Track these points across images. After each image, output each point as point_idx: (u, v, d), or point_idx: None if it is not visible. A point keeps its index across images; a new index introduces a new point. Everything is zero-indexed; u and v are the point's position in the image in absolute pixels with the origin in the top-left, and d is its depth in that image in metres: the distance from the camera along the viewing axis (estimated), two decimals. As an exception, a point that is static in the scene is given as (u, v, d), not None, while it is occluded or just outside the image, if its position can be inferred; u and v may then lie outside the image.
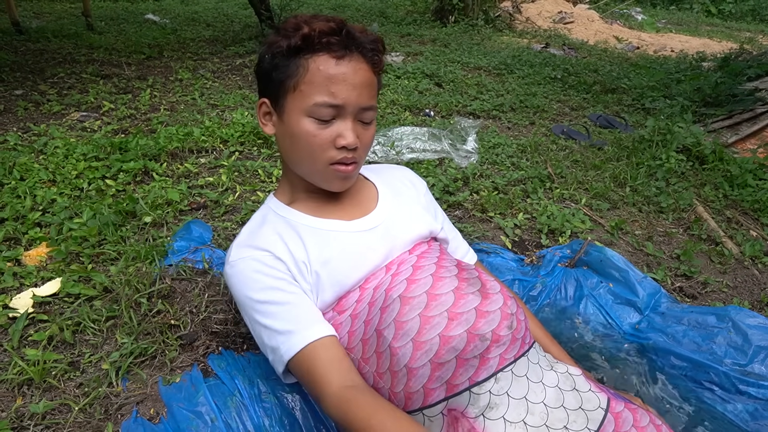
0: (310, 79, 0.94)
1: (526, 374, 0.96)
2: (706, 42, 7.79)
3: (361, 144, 1.01)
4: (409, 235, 1.10)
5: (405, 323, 0.92)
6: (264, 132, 1.05)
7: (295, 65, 0.95)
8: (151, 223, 1.69)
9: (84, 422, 1.02)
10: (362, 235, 1.06)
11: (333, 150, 0.98)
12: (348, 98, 0.95)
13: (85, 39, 4.47)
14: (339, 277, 1.01)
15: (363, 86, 0.97)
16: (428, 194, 1.27)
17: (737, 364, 1.28)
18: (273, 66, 0.98)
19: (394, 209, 1.13)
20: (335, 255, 1.02)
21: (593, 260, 1.61)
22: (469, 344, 0.89)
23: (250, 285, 0.97)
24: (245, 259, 0.99)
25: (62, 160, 2.05)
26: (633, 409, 0.99)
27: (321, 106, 0.94)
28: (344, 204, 1.11)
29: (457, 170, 2.25)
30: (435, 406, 0.91)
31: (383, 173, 1.25)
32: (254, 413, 1.05)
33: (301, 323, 0.93)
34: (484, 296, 0.96)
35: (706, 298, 1.59)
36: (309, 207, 1.08)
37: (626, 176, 2.39)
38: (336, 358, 0.92)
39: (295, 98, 0.96)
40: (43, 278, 1.41)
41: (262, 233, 1.03)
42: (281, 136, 1.02)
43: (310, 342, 0.91)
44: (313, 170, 1.02)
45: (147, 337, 1.21)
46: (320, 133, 0.96)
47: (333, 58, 0.94)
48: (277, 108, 1.00)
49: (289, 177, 1.11)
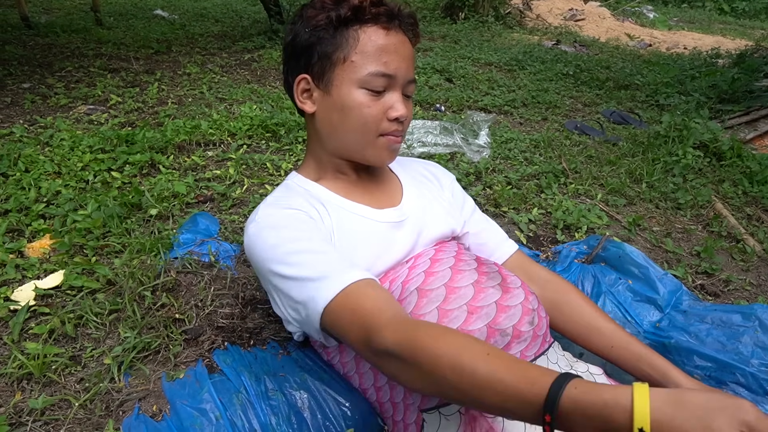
0: (362, 49, 0.92)
1: (546, 373, 0.91)
2: (719, 39, 7.68)
3: (407, 118, 0.99)
4: (434, 234, 1.06)
5: (422, 316, 0.87)
6: (302, 110, 1.00)
7: (344, 37, 0.93)
8: (157, 215, 1.66)
9: (84, 419, 0.98)
10: (390, 227, 1.02)
11: (385, 122, 0.96)
12: (399, 68, 0.94)
13: (94, 34, 4.45)
14: (361, 265, 0.96)
15: (410, 58, 0.97)
16: (454, 187, 1.22)
17: (765, 365, 1.22)
18: (316, 39, 0.95)
19: (419, 205, 1.09)
20: (362, 242, 0.97)
21: (611, 256, 1.55)
22: (489, 339, 0.85)
23: (280, 236, 0.89)
24: (274, 214, 0.93)
25: (68, 152, 2.02)
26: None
27: (375, 75, 0.92)
28: (371, 191, 1.07)
29: (469, 165, 2.20)
30: (452, 404, 0.87)
31: (408, 166, 1.21)
32: (261, 411, 1.01)
33: (338, 267, 0.84)
34: (504, 290, 0.91)
35: (729, 296, 1.53)
36: (336, 187, 1.04)
37: (642, 172, 2.33)
38: (387, 296, 0.81)
39: (346, 69, 0.93)
40: (46, 270, 1.38)
41: (291, 198, 0.98)
42: (326, 110, 0.97)
43: (353, 282, 0.81)
44: (363, 141, 0.98)
45: (150, 331, 1.17)
46: (373, 104, 0.94)
47: (383, 29, 0.93)
48: (321, 83, 0.96)
49: (318, 155, 1.05)
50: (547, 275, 1.14)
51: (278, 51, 4.23)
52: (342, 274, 0.82)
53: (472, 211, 1.20)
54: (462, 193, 1.23)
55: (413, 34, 1.00)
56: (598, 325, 1.04)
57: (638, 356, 1.00)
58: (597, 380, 0.95)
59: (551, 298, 1.09)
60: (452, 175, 1.25)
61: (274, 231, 0.90)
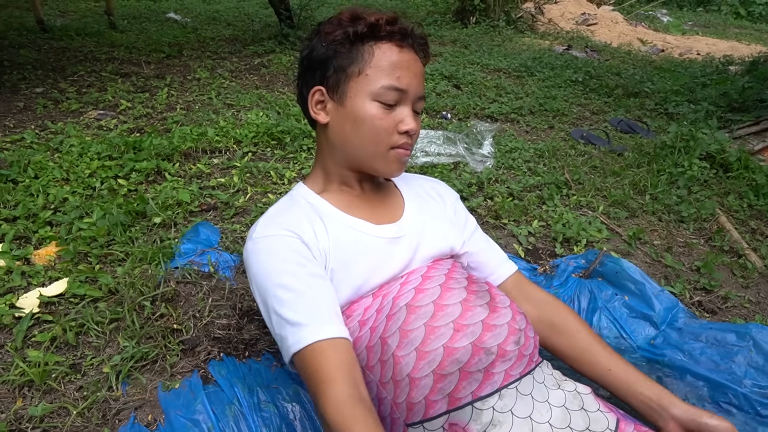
0: (377, 64, 0.97)
1: (531, 393, 0.92)
2: (734, 45, 7.60)
3: (416, 132, 1.03)
4: (431, 251, 1.08)
5: (410, 332, 0.89)
6: (315, 120, 1.04)
7: (359, 52, 0.98)
8: (161, 224, 1.69)
9: (81, 427, 1.01)
10: (387, 243, 1.04)
11: (396, 135, 1.00)
12: (410, 84, 0.99)
13: (107, 37, 4.52)
14: (357, 281, 0.99)
15: (420, 75, 1.02)
16: (457, 206, 1.24)
17: (758, 386, 1.23)
18: (333, 53, 0.99)
19: (419, 222, 1.11)
20: (357, 257, 1.00)
21: (608, 271, 1.56)
22: (473, 357, 0.87)
23: (269, 265, 0.94)
24: (269, 237, 0.97)
25: (76, 159, 2.06)
26: (643, 431, 0.95)
27: (388, 89, 0.97)
28: (373, 205, 1.10)
29: (471, 175, 2.21)
30: (436, 419, 0.88)
31: (411, 182, 1.23)
32: (252, 423, 1.04)
33: (314, 317, 0.89)
34: (492, 309, 0.93)
35: (726, 314, 1.53)
36: (338, 200, 1.07)
37: (646, 183, 2.33)
38: (347, 363, 0.86)
39: (360, 83, 0.98)
40: (51, 278, 1.41)
41: (291, 214, 1.02)
42: (339, 121, 1.01)
43: (320, 339, 0.86)
44: (374, 153, 1.02)
45: (149, 341, 1.20)
46: (385, 117, 0.99)
47: (396, 46, 0.98)
48: (335, 95, 1.01)
49: (326, 167, 1.09)
50: (544, 297, 1.15)
51: (288, 56, 4.27)
52: (316, 326, 0.88)
53: (473, 231, 1.22)
54: (464, 212, 1.25)
55: (424, 53, 1.05)
56: (595, 349, 1.05)
57: (635, 381, 1.01)
58: (585, 400, 0.96)
59: (548, 320, 1.10)
60: (456, 194, 1.27)
61: (264, 258, 0.95)
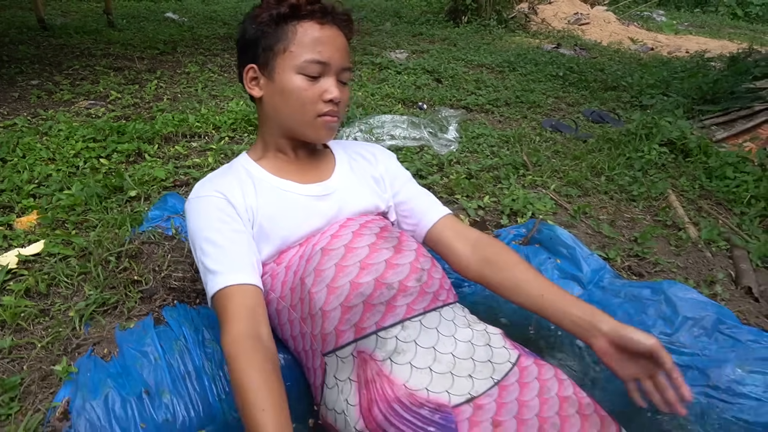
0: (299, 41, 1.09)
1: (437, 327, 1.04)
2: (724, 44, 7.68)
3: (341, 100, 1.14)
4: (355, 208, 1.20)
5: (323, 271, 1.02)
6: (252, 95, 1.18)
7: (284, 31, 1.10)
8: (135, 196, 1.83)
9: (44, 357, 1.14)
10: (312, 200, 1.17)
11: (320, 103, 1.11)
12: (332, 57, 1.10)
13: (105, 35, 4.69)
14: (282, 232, 1.12)
15: (343, 49, 1.13)
16: (390, 163, 1.34)
17: (664, 333, 1.34)
18: (260, 34, 1.12)
19: (347, 181, 1.24)
20: (282, 212, 1.13)
21: (544, 238, 1.68)
22: (375, 291, 0.99)
23: (199, 222, 1.09)
24: (201, 198, 1.11)
25: (63, 141, 2.21)
26: (541, 364, 1.06)
27: (310, 62, 1.08)
28: (303, 169, 1.22)
29: (433, 157, 2.34)
30: (345, 347, 1.01)
31: (349, 147, 1.35)
32: (196, 356, 1.16)
33: (229, 267, 1.03)
34: (396, 251, 1.05)
35: (653, 277, 1.64)
36: (272, 166, 1.20)
37: (604, 166, 2.44)
38: (251, 306, 1.01)
39: (286, 59, 1.10)
40: (30, 241, 1.55)
41: (224, 178, 1.16)
42: (270, 95, 1.14)
43: (228, 285, 1.01)
44: (302, 121, 1.14)
45: (112, 290, 1.34)
46: (310, 88, 1.10)
47: (317, 24, 1.10)
48: (266, 71, 1.13)
49: (264, 137, 1.22)
50: (478, 235, 1.23)
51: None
52: (228, 274, 1.02)
53: (404, 182, 1.32)
54: (398, 169, 1.35)
55: (348, 28, 1.16)
56: (527, 279, 1.11)
57: (566, 303, 1.06)
58: (492, 338, 1.07)
59: (482, 255, 1.18)
60: (392, 155, 1.38)
61: (195, 215, 1.11)
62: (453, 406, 0.95)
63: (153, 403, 1.06)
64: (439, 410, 0.94)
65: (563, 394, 1.01)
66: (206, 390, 1.12)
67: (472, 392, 0.97)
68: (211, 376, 1.14)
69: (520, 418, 0.95)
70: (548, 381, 1.02)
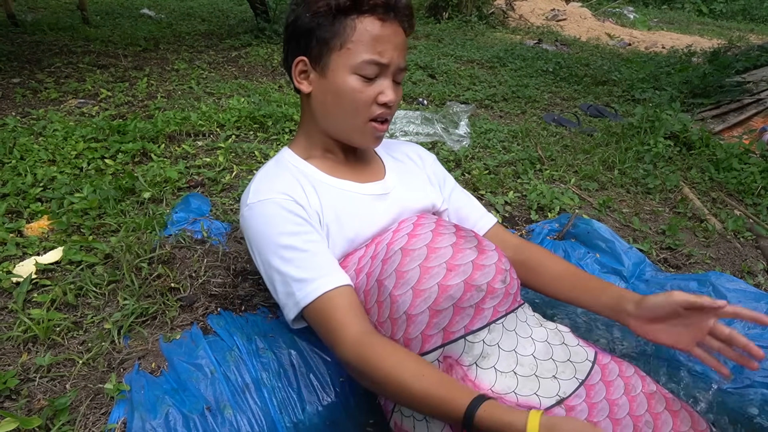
0: (358, 38, 1.00)
1: (515, 329, 1.00)
2: (696, 39, 7.88)
3: (395, 103, 1.08)
4: (415, 206, 1.15)
5: (406, 273, 0.96)
6: (299, 89, 1.08)
7: (342, 25, 1.00)
8: (150, 198, 1.73)
9: (88, 374, 1.05)
10: (374, 199, 1.12)
11: (374, 106, 1.05)
12: (392, 58, 1.02)
13: (81, 32, 4.49)
14: (350, 234, 1.06)
15: (403, 47, 1.05)
16: (436, 166, 1.31)
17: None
18: (316, 25, 1.02)
19: (401, 181, 1.19)
20: (347, 213, 1.07)
21: (581, 232, 1.66)
22: (465, 293, 0.94)
23: (269, 228, 1.00)
24: (264, 201, 1.02)
25: (61, 142, 2.08)
26: (619, 362, 1.03)
27: (368, 63, 1.00)
28: (356, 169, 1.17)
29: (449, 153, 2.30)
30: (432, 353, 0.95)
31: (392, 147, 1.30)
32: (252, 367, 1.09)
33: (321, 271, 0.97)
34: (480, 251, 1.00)
35: (689, 269, 1.64)
36: (323, 165, 1.13)
37: (615, 160, 2.45)
38: (355, 305, 0.95)
39: (342, 56, 1.01)
40: (45, 248, 1.44)
41: (281, 177, 1.07)
42: (321, 92, 1.06)
43: (330, 289, 0.95)
44: (352, 125, 1.07)
45: (148, 299, 1.25)
46: (365, 90, 1.02)
47: (378, 20, 1.01)
48: (318, 66, 1.04)
49: (310, 134, 1.14)
50: (519, 241, 1.25)
51: (265, 48, 4.31)
52: (324, 278, 0.96)
53: (452, 188, 1.30)
54: (443, 171, 1.33)
55: (408, 24, 1.07)
56: (563, 273, 1.15)
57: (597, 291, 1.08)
58: (566, 337, 1.04)
59: (522, 259, 1.19)
60: (433, 156, 1.35)
61: (263, 221, 1.01)
62: (545, 409, 0.91)
63: (216, 420, 0.99)
64: (531, 415, 0.90)
65: (648, 390, 0.99)
66: (267, 403, 1.06)
67: (561, 394, 0.94)
68: (270, 387, 1.08)
69: (613, 417, 0.92)
70: (631, 378, 1.00)
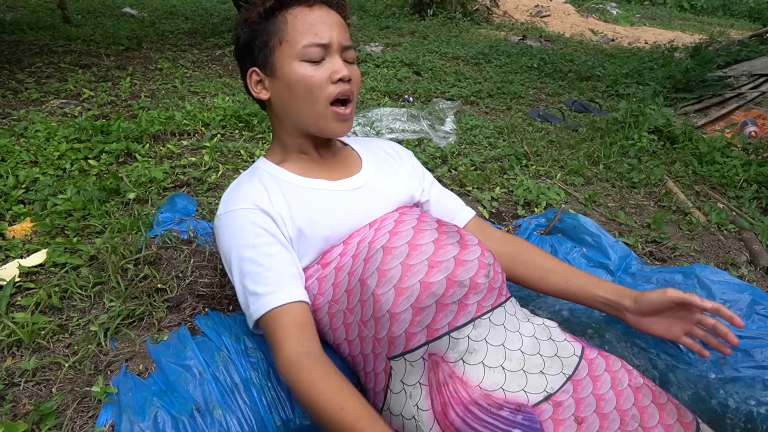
0: (293, 28, 1.03)
1: (504, 323, 1.00)
2: (678, 35, 7.97)
3: (353, 79, 1.08)
4: (392, 198, 1.15)
5: (387, 271, 0.96)
6: (260, 98, 1.11)
7: (275, 24, 1.05)
8: (135, 199, 1.71)
9: (75, 377, 1.04)
10: (345, 195, 1.11)
11: (330, 86, 1.05)
12: (331, 36, 1.04)
13: (62, 31, 4.43)
14: (325, 232, 1.06)
15: (339, 26, 1.07)
16: (413, 161, 1.32)
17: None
18: (253, 35, 1.07)
19: (378, 173, 1.19)
20: (319, 212, 1.07)
21: (567, 227, 1.67)
22: (448, 290, 0.94)
23: (232, 241, 1.03)
24: (230, 213, 1.04)
25: (43, 143, 2.05)
26: (606, 356, 1.04)
27: (310, 47, 1.03)
28: (330, 166, 1.17)
29: (435, 149, 2.30)
30: (416, 350, 0.95)
31: (367, 143, 1.31)
32: (241, 367, 1.09)
33: (272, 286, 0.98)
34: (462, 246, 1.00)
35: (675, 261, 1.66)
36: (297, 167, 1.13)
37: (600, 155, 2.47)
38: (297, 325, 0.96)
39: (284, 50, 1.04)
40: (29, 251, 1.42)
41: (249, 186, 1.08)
42: (278, 91, 1.08)
43: (275, 307, 0.96)
44: (314, 112, 1.07)
45: (134, 300, 1.24)
46: (316, 73, 1.04)
47: (306, 8, 1.05)
48: (267, 69, 1.07)
49: (282, 139, 1.15)
50: (502, 234, 1.26)
51: (249, 46, 4.27)
52: (272, 295, 0.98)
53: (431, 183, 1.31)
54: (420, 167, 1.33)
55: (339, 6, 1.10)
56: (553, 267, 1.16)
57: (591, 286, 1.12)
58: (552, 332, 1.04)
59: (508, 253, 1.20)
60: (410, 152, 1.35)
61: (228, 233, 1.04)
62: (533, 405, 0.91)
63: (205, 421, 0.98)
64: (520, 410, 0.90)
65: (635, 384, 0.99)
66: (256, 402, 1.05)
67: (548, 389, 0.94)
68: (259, 387, 1.07)
69: (600, 412, 0.93)
70: (618, 372, 1.01)
